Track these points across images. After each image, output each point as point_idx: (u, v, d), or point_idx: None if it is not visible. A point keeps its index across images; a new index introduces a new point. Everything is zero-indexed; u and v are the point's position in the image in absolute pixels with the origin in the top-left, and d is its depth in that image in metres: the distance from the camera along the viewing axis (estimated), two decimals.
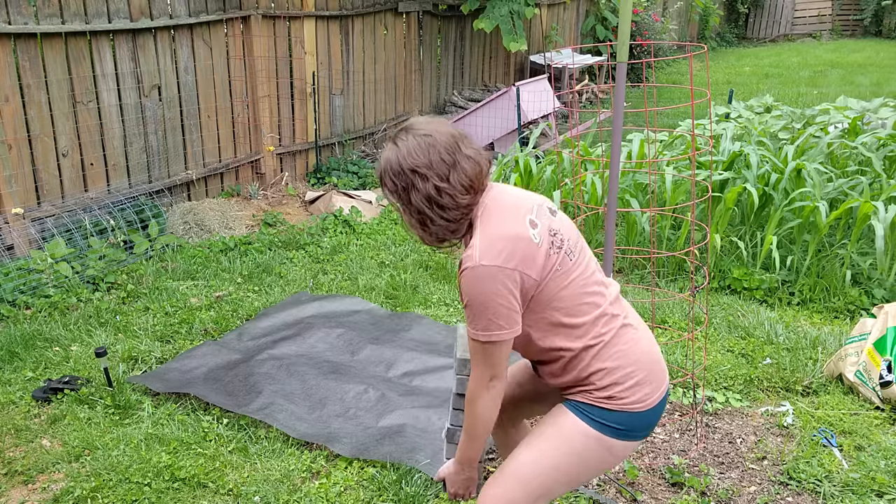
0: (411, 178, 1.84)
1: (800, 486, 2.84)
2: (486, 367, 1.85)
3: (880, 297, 4.30)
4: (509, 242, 1.80)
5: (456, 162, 1.84)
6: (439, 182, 1.83)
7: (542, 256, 1.82)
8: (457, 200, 1.85)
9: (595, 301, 1.90)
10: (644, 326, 2.01)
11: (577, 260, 1.90)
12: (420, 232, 1.94)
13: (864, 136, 5.24)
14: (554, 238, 1.86)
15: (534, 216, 1.87)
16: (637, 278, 4.85)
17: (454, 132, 1.89)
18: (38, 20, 4.83)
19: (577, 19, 12.03)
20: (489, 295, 1.78)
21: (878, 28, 18.49)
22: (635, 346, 1.91)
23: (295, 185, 6.95)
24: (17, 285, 4.45)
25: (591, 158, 5.34)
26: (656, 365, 1.94)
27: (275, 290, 4.69)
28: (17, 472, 2.96)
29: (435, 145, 1.84)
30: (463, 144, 1.87)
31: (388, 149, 1.90)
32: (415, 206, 1.87)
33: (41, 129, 4.95)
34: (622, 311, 1.96)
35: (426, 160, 1.83)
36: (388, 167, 1.88)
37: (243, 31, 6.33)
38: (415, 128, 1.87)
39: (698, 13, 16.77)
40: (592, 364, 1.88)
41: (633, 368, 1.88)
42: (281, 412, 3.29)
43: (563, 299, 1.86)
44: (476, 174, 1.87)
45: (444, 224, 1.89)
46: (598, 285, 1.93)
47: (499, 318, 1.80)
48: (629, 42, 2.63)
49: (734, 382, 3.53)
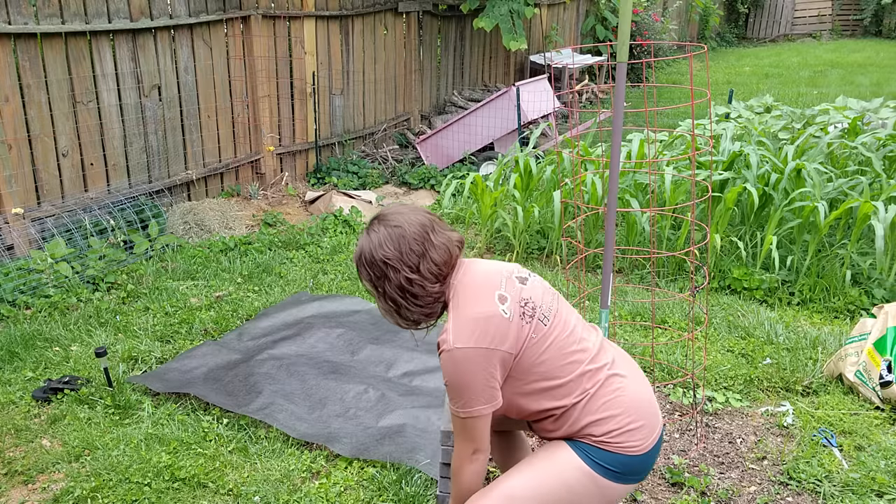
0: (383, 269, 1.93)
1: (800, 486, 2.84)
2: (469, 441, 1.92)
3: (880, 297, 4.30)
4: (481, 322, 1.86)
5: (425, 252, 1.91)
6: (410, 273, 1.91)
7: (514, 329, 1.88)
8: (427, 289, 1.93)
9: (577, 359, 1.94)
10: (634, 370, 2.04)
11: (553, 323, 1.95)
12: (396, 318, 2.01)
13: (863, 136, 5.24)
14: (525, 308, 1.92)
15: (503, 290, 1.92)
16: (637, 278, 4.85)
17: (425, 220, 1.95)
18: (38, 20, 4.83)
19: (577, 19, 12.03)
20: (467, 375, 1.85)
21: (878, 28, 18.49)
22: (623, 394, 1.94)
23: (295, 185, 6.95)
24: (17, 285, 4.45)
25: (591, 158, 5.34)
26: (648, 408, 1.97)
27: (275, 290, 4.69)
28: (17, 472, 2.96)
29: (405, 236, 1.91)
30: (433, 233, 1.94)
31: (362, 238, 1.99)
32: (388, 294, 1.96)
33: (41, 129, 4.95)
34: (607, 359, 1.99)
35: (396, 252, 1.91)
36: (362, 257, 1.97)
37: (243, 31, 6.33)
38: (387, 218, 1.95)
39: (698, 13, 16.78)
40: (582, 418, 1.92)
41: (624, 415, 1.92)
42: (281, 412, 3.29)
43: (543, 363, 1.91)
44: (445, 262, 1.94)
45: (418, 310, 1.97)
46: (578, 342, 1.97)
47: (477, 395, 1.86)
48: (629, 42, 2.63)
49: (734, 382, 3.53)
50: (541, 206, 5.38)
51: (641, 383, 2.01)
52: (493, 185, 5.50)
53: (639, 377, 2.02)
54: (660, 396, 3.49)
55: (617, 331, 4.07)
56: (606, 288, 2.86)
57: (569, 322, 1.98)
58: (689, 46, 15.50)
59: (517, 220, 5.21)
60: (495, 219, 5.43)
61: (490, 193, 5.33)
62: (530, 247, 5.29)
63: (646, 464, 1.94)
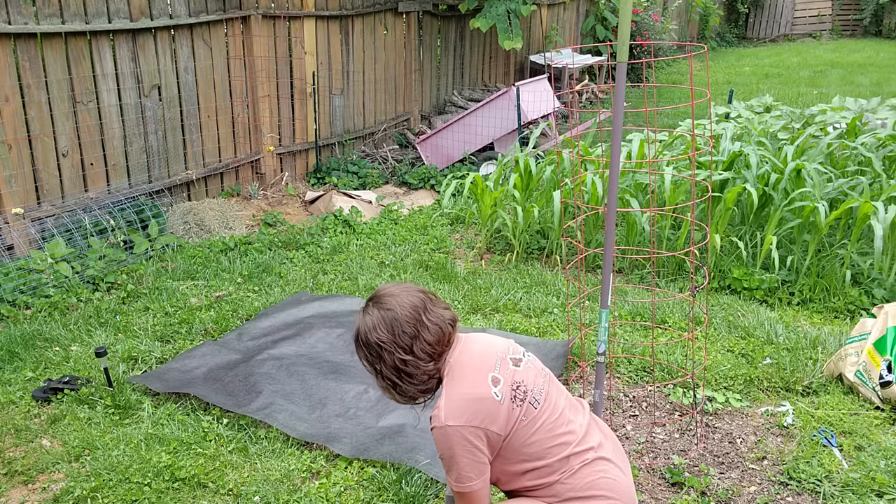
0: (378, 351, 2.00)
1: (800, 486, 2.84)
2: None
3: (880, 297, 4.30)
4: (472, 403, 1.92)
5: (418, 334, 1.98)
6: (403, 355, 1.98)
7: (504, 412, 1.94)
8: (421, 368, 2.00)
9: (565, 440, 1.99)
10: (618, 454, 2.09)
11: (543, 406, 2.00)
12: (394, 395, 2.07)
13: (863, 137, 5.24)
14: (517, 391, 1.97)
15: (496, 372, 1.98)
16: (637, 278, 4.85)
17: (418, 302, 2.01)
18: (38, 20, 4.83)
19: (577, 19, 12.03)
20: (457, 451, 1.92)
21: (878, 28, 18.49)
22: (607, 476, 1.99)
23: (295, 185, 6.95)
24: (17, 285, 4.45)
25: (591, 158, 5.34)
26: (629, 494, 2.02)
27: (275, 290, 4.69)
28: (17, 472, 2.96)
29: (397, 319, 1.98)
30: (427, 314, 2.00)
31: (358, 318, 2.05)
32: (384, 374, 2.03)
33: (41, 129, 4.95)
34: (594, 442, 2.04)
35: (389, 336, 1.98)
36: (358, 338, 2.04)
37: (243, 31, 6.33)
38: (381, 300, 2.02)
39: (698, 13, 16.77)
40: (565, 493, 1.97)
41: (607, 499, 1.97)
42: (281, 412, 3.29)
43: (532, 445, 1.97)
44: (438, 341, 2.00)
45: (414, 388, 2.04)
46: (567, 424, 2.02)
47: (468, 470, 1.93)
48: (629, 42, 2.63)
49: (734, 382, 3.53)
50: (541, 206, 5.38)
51: (624, 468, 2.08)
52: (493, 185, 5.50)
53: (623, 462, 2.09)
54: (660, 396, 3.49)
55: (617, 331, 4.07)
56: (606, 288, 2.86)
57: (558, 404, 2.04)
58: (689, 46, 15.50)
59: (517, 220, 5.21)
60: (495, 219, 5.43)
61: (490, 193, 5.33)
62: (530, 247, 5.29)
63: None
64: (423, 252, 5.35)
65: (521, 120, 7.09)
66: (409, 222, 5.98)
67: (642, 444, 3.13)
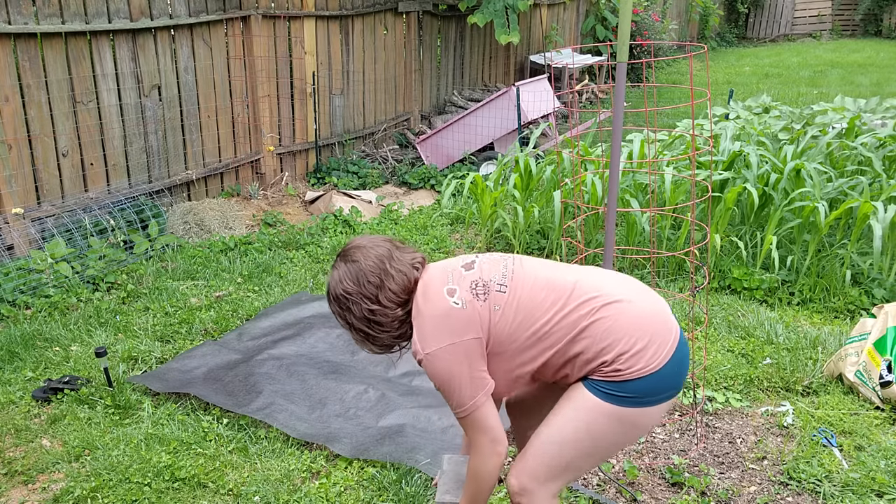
0: (346, 303, 2.02)
1: (800, 486, 2.84)
2: (483, 432, 1.95)
3: (880, 297, 4.30)
4: (438, 321, 1.93)
5: (382, 284, 1.99)
6: (371, 304, 1.99)
7: (470, 314, 1.93)
8: (390, 315, 2.01)
9: (559, 301, 1.94)
10: (632, 292, 1.99)
11: (513, 286, 1.97)
12: (370, 346, 2.10)
13: (864, 137, 5.24)
14: (476, 289, 1.96)
15: (450, 284, 1.98)
16: (637, 278, 4.85)
17: (383, 252, 2.02)
18: (38, 20, 4.83)
19: (577, 19, 12.03)
20: (448, 373, 1.92)
21: (877, 28, 18.48)
22: (621, 317, 1.91)
23: (295, 185, 6.95)
24: (17, 285, 4.45)
25: (591, 158, 5.34)
26: (652, 323, 1.93)
27: (275, 290, 4.69)
28: (17, 472, 2.96)
29: (362, 270, 2.00)
30: (392, 262, 2.00)
31: (329, 274, 2.06)
32: (355, 326, 2.04)
33: (41, 129, 4.95)
34: (597, 291, 1.96)
35: (354, 287, 2.00)
36: (328, 293, 2.07)
37: (243, 31, 6.33)
38: (348, 253, 2.04)
39: (698, 13, 16.77)
40: (589, 349, 1.91)
41: (628, 337, 1.89)
42: (281, 412, 3.29)
43: (522, 323, 1.94)
44: (404, 287, 2.00)
45: (387, 335, 2.05)
46: (553, 288, 1.96)
47: (466, 387, 1.92)
48: (629, 42, 2.63)
49: (734, 382, 3.53)
50: (541, 206, 5.38)
51: (643, 301, 1.97)
52: (493, 185, 5.50)
53: (642, 298, 1.98)
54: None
55: None
56: None
57: (538, 276, 1.99)
58: (689, 46, 15.50)
59: (517, 220, 5.21)
60: (495, 219, 5.43)
61: (490, 193, 5.33)
62: (530, 247, 5.29)
63: (667, 379, 1.91)
64: (422, 251, 5.35)
65: (521, 120, 7.09)
66: (409, 222, 5.98)
67: (642, 444, 3.13)
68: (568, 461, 1.97)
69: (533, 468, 1.98)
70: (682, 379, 1.95)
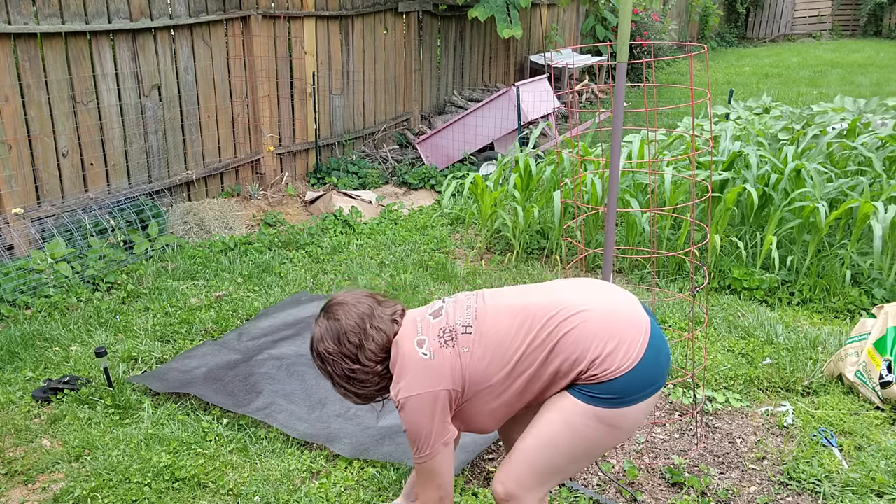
0: (328, 360, 2.05)
1: (800, 486, 2.84)
2: (434, 488, 2.01)
3: (880, 297, 4.30)
4: (412, 373, 1.96)
5: (361, 343, 2.02)
6: (350, 364, 2.03)
7: (442, 363, 1.95)
8: (370, 371, 2.04)
9: (523, 327, 1.96)
10: (597, 298, 1.99)
11: (478, 325, 1.99)
12: (353, 399, 2.13)
13: (864, 137, 5.24)
14: (443, 336, 1.99)
15: (420, 335, 2.01)
16: (637, 278, 4.85)
17: (365, 310, 2.04)
18: (38, 20, 4.83)
19: (577, 19, 12.04)
20: (418, 419, 1.95)
21: (877, 28, 18.48)
22: (586, 325, 1.93)
23: (295, 185, 6.95)
24: (17, 285, 4.45)
25: (591, 158, 5.34)
26: (621, 323, 1.94)
27: (275, 290, 4.69)
28: (17, 472, 2.96)
29: (342, 329, 2.02)
30: (372, 321, 2.02)
31: (312, 328, 2.09)
32: (337, 381, 2.08)
33: (41, 129, 4.95)
34: (559, 306, 1.97)
35: (334, 346, 2.03)
36: (311, 347, 2.10)
37: (243, 31, 6.33)
38: (331, 309, 2.07)
39: (698, 13, 16.77)
40: (563, 366, 1.93)
41: (596, 342, 1.91)
42: (281, 412, 3.29)
43: (494, 359, 1.96)
44: (384, 344, 2.03)
45: (367, 390, 2.09)
46: (516, 315, 1.98)
47: (432, 434, 1.96)
48: (629, 42, 2.63)
49: (734, 382, 3.53)
50: (541, 206, 5.38)
51: (606, 303, 1.98)
52: (493, 185, 5.50)
53: (601, 300, 1.99)
54: (660, 396, 3.49)
55: None
56: None
57: (500, 309, 2.01)
58: (689, 46, 15.50)
59: (517, 220, 5.21)
60: (495, 219, 5.43)
61: (490, 193, 5.33)
62: (530, 247, 5.29)
63: (645, 374, 1.91)
64: (423, 252, 5.35)
65: (521, 120, 7.09)
66: (409, 222, 5.98)
67: (642, 444, 3.13)
68: (553, 466, 1.98)
69: (518, 474, 1.99)
70: (661, 371, 1.96)
